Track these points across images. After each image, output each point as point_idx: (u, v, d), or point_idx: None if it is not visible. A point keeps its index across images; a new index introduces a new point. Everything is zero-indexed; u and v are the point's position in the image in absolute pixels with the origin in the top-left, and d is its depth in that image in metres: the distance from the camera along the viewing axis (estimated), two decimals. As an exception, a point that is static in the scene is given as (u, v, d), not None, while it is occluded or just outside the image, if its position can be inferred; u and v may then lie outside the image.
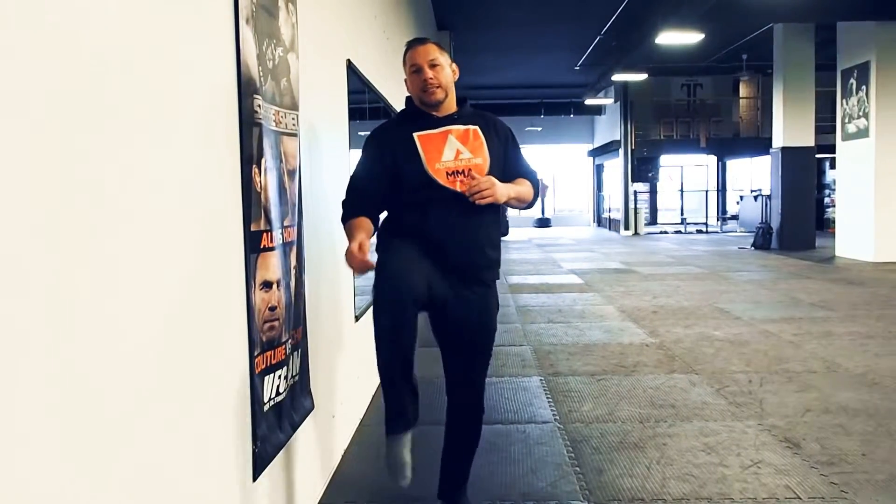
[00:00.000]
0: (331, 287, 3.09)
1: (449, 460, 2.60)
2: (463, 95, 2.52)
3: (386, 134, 2.50)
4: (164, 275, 1.46)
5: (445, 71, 2.41)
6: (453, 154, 2.36)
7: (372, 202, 2.41)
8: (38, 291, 1.06)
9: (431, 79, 2.36)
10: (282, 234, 2.18)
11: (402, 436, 2.31)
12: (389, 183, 2.38)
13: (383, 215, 2.49)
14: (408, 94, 2.49)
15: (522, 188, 2.47)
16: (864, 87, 10.95)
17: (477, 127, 2.43)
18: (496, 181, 2.32)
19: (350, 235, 2.32)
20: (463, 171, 2.34)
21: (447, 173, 2.34)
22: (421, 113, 2.44)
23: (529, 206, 2.57)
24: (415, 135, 2.37)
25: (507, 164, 2.47)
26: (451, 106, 2.44)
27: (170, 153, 1.51)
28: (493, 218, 2.47)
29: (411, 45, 2.45)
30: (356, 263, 2.20)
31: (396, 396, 2.30)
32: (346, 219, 2.41)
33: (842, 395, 3.97)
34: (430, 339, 2.54)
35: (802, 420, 3.56)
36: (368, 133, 2.55)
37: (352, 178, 2.49)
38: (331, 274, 3.08)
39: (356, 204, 2.41)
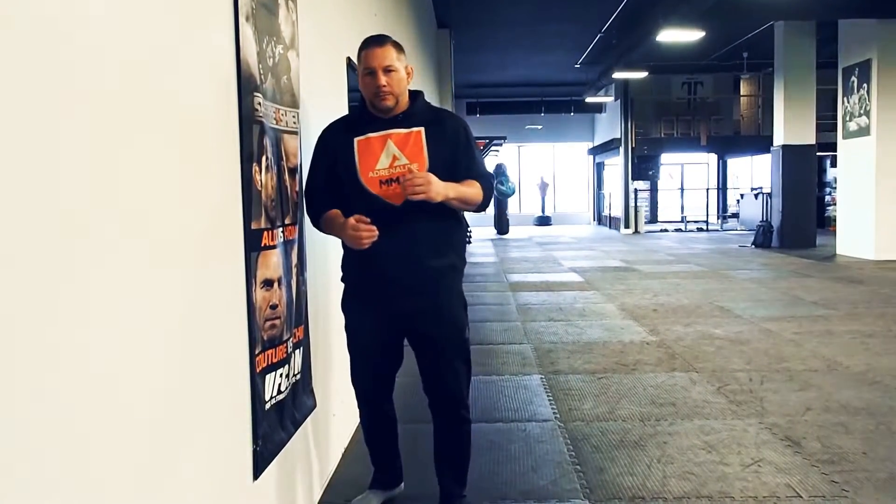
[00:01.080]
0: (331, 285, 3.08)
1: (442, 475, 2.56)
2: (417, 91, 2.44)
3: (331, 135, 2.45)
4: (164, 273, 1.46)
5: (400, 75, 2.33)
6: (389, 161, 2.31)
7: (333, 203, 2.38)
8: (36, 290, 1.06)
9: (384, 86, 2.29)
10: (283, 232, 2.18)
11: (381, 493, 2.66)
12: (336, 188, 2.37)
13: None
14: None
15: (468, 190, 2.36)
16: (865, 85, 10.94)
17: (421, 129, 2.34)
18: (434, 178, 2.24)
19: (333, 224, 2.34)
20: (398, 178, 2.28)
21: (381, 181, 2.29)
22: (366, 115, 2.38)
23: (480, 208, 2.45)
24: (355, 139, 2.33)
25: (457, 166, 2.37)
26: (401, 106, 2.36)
27: (169, 151, 1.51)
28: (439, 225, 2.38)
29: (368, 44, 2.33)
30: (362, 234, 2.22)
31: (380, 456, 2.66)
32: (318, 217, 2.41)
33: (842, 393, 3.96)
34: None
35: (803, 418, 3.56)
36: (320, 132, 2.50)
37: (307, 184, 2.45)
38: (332, 272, 3.08)
39: (321, 204, 2.39)
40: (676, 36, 10.69)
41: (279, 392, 2.14)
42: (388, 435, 2.66)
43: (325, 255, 2.97)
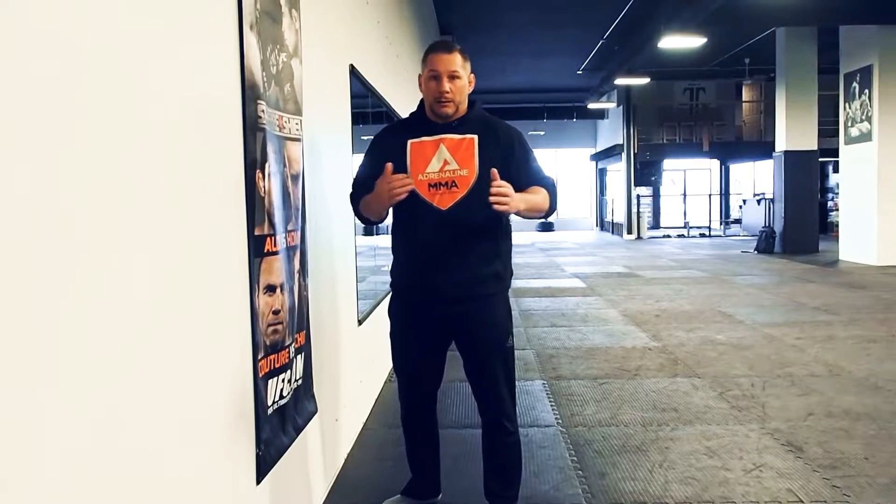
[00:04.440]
0: (334, 291, 3.10)
1: (488, 492, 2.52)
2: (474, 98, 2.44)
3: (387, 137, 2.50)
4: (168, 278, 1.47)
5: (463, 82, 2.34)
6: (440, 165, 2.31)
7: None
8: (34, 294, 1.07)
9: (447, 92, 2.30)
10: (285, 238, 2.20)
11: (413, 500, 2.60)
12: None
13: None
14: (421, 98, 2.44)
15: (536, 197, 2.35)
16: (866, 91, 10.95)
17: (475, 136, 2.34)
18: (513, 192, 2.22)
19: (370, 198, 2.34)
20: (446, 182, 2.30)
21: (429, 185, 2.30)
22: (423, 119, 2.41)
23: (548, 214, 2.43)
24: (409, 141, 2.35)
25: (518, 174, 2.34)
26: (459, 113, 2.37)
27: (174, 158, 1.52)
28: (485, 234, 2.37)
29: (435, 49, 2.35)
30: (394, 183, 2.21)
31: (419, 466, 2.61)
32: (358, 205, 2.43)
33: (844, 398, 3.96)
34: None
35: (805, 424, 3.56)
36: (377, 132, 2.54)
37: (354, 181, 2.50)
38: (334, 278, 3.09)
39: (363, 196, 2.41)
40: (678, 42, 10.71)
41: (281, 397, 2.15)
42: (429, 448, 2.62)
43: (332, 261, 2.99)
